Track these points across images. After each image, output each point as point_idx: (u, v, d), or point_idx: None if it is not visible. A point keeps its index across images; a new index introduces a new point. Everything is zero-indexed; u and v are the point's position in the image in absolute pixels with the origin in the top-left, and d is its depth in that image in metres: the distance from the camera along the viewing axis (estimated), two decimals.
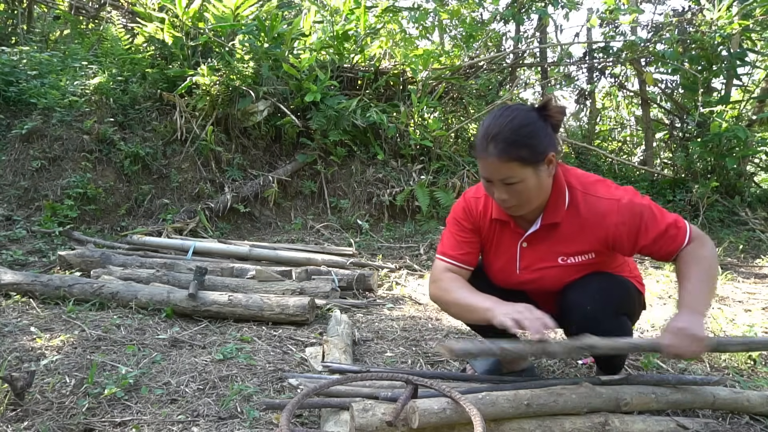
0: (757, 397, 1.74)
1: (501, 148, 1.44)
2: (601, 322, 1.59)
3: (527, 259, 1.67)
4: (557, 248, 1.63)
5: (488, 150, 1.46)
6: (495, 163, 1.46)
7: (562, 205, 1.59)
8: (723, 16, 5.35)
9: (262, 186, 4.90)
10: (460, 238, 1.73)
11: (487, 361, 2.02)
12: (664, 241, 1.54)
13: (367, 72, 5.63)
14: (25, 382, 1.64)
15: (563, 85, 6.87)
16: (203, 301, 2.55)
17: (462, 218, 1.73)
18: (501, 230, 1.70)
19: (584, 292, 1.61)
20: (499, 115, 1.49)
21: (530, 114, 1.49)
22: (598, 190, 1.59)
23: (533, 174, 1.48)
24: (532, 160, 1.46)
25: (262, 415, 1.67)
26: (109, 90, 4.83)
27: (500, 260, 1.72)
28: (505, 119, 1.47)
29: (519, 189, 1.49)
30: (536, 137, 1.46)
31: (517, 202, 1.53)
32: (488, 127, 1.48)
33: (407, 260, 4.03)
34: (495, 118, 1.49)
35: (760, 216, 5.35)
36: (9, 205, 4.12)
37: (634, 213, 1.54)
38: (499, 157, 1.45)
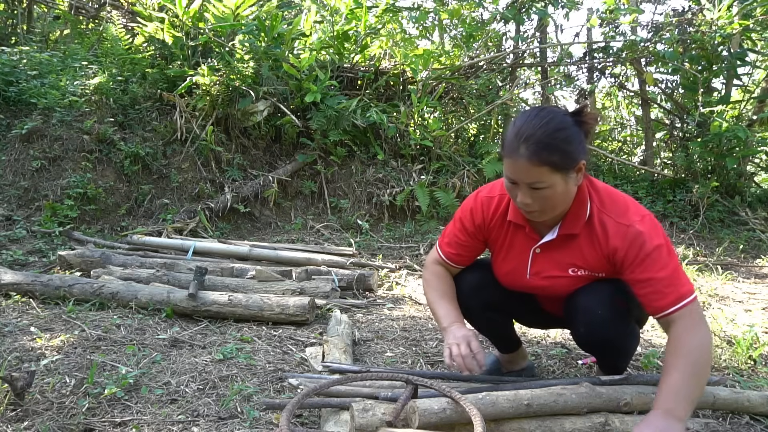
0: (758, 397, 1.74)
1: (533, 151, 1.37)
2: (611, 327, 1.58)
3: (539, 265, 1.64)
4: (570, 260, 1.59)
5: (519, 151, 1.38)
6: (525, 165, 1.38)
7: (582, 217, 1.54)
8: (723, 16, 5.35)
9: (262, 186, 4.90)
10: (457, 239, 1.73)
11: (487, 360, 2.02)
12: (655, 290, 1.43)
13: (367, 72, 5.63)
14: (25, 382, 1.63)
15: (563, 85, 6.86)
16: (203, 301, 2.55)
17: (467, 219, 1.71)
18: (514, 233, 1.66)
19: (595, 297, 1.58)
20: (534, 116, 1.42)
21: (566, 118, 1.42)
22: (613, 210, 1.53)
23: (562, 181, 1.42)
24: (564, 167, 1.40)
25: (262, 415, 1.67)
26: (109, 90, 4.83)
27: (510, 263, 1.69)
28: (540, 120, 1.40)
29: (545, 195, 1.42)
30: (571, 143, 1.40)
31: (540, 208, 1.47)
32: (521, 127, 1.41)
33: (407, 260, 4.03)
34: (529, 118, 1.42)
35: (760, 216, 5.35)
36: (9, 205, 4.12)
37: (635, 244, 1.46)
38: (530, 159, 1.37)
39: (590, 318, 1.59)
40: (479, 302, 1.81)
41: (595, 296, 1.58)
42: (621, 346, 1.64)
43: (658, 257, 1.44)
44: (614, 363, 1.75)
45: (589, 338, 1.66)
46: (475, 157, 5.61)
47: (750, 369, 2.17)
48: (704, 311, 2.98)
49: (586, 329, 1.62)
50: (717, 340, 2.49)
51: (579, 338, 1.72)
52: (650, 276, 1.44)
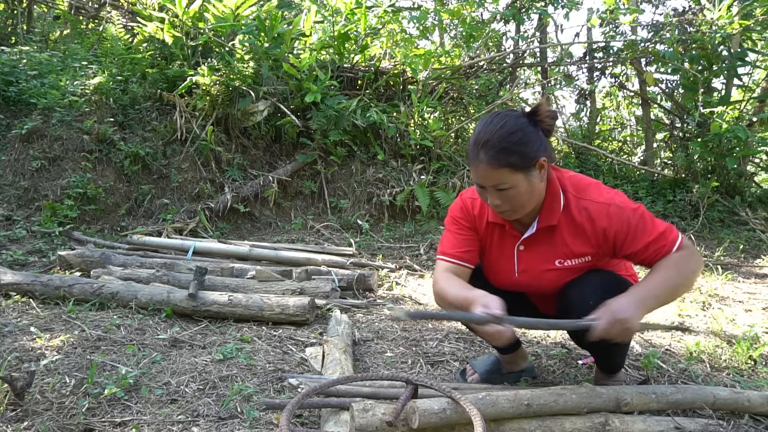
0: (758, 397, 1.74)
1: (491, 155, 1.46)
2: None
3: (525, 262, 1.68)
4: (554, 251, 1.63)
5: (479, 157, 1.47)
6: (486, 169, 1.47)
7: (557, 208, 1.60)
8: (723, 16, 5.34)
9: (262, 186, 4.90)
10: (460, 237, 1.74)
11: (487, 361, 2.02)
12: (652, 251, 1.54)
13: (367, 72, 5.63)
14: (25, 382, 1.63)
15: (563, 85, 6.87)
16: (203, 301, 2.55)
17: (460, 217, 1.74)
18: (499, 233, 1.70)
19: (586, 287, 1.61)
20: (489, 122, 1.50)
21: (520, 120, 1.50)
22: (590, 194, 1.60)
23: (524, 179, 1.49)
24: (523, 166, 1.47)
25: (262, 415, 1.67)
26: (109, 90, 4.83)
27: (498, 263, 1.73)
28: (495, 126, 1.48)
29: (511, 194, 1.50)
30: (526, 143, 1.47)
31: (510, 207, 1.54)
32: (479, 134, 1.49)
33: (407, 260, 4.03)
34: (485, 125, 1.50)
35: (760, 216, 5.35)
36: (9, 205, 4.13)
37: (622, 218, 1.55)
38: (490, 163, 1.46)
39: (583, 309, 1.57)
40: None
41: (586, 288, 1.61)
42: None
43: (644, 224, 1.55)
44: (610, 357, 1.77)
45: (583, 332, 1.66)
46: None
47: (750, 369, 2.16)
48: (704, 311, 2.98)
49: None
50: (717, 340, 2.49)
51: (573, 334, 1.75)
52: (646, 242, 1.54)
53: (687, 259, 1.53)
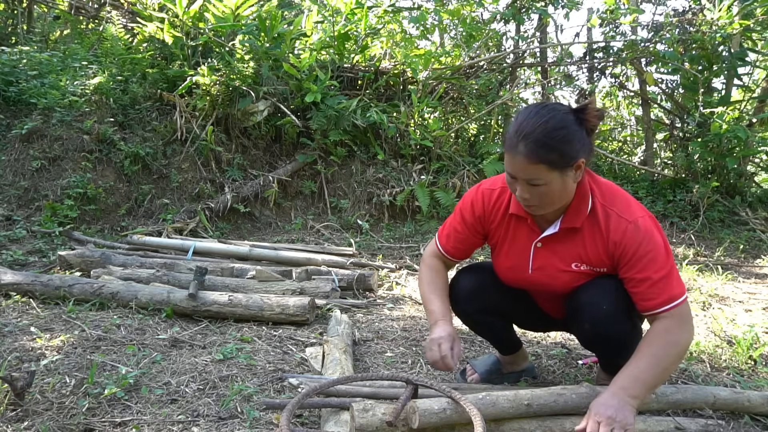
0: (758, 397, 1.74)
1: (531, 149, 1.39)
2: (615, 322, 1.58)
3: (541, 259, 1.63)
4: (573, 253, 1.59)
5: (518, 148, 1.41)
6: (522, 162, 1.41)
7: (584, 211, 1.55)
8: (723, 16, 5.34)
9: (262, 186, 4.90)
10: (456, 231, 1.73)
11: (487, 361, 2.02)
12: (648, 289, 1.47)
13: (368, 72, 5.63)
14: (25, 382, 1.63)
15: (563, 85, 6.86)
16: (203, 301, 2.55)
17: (467, 211, 1.70)
18: (516, 226, 1.65)
19: (599, 291, 1.58)
20: (535, 113, 1.43)
21: (567, 116, 1.42)
22: (617, 205, 1.54)
23: (559, 178, 1.44)
24: (561, 165, 1.42)
25: (262, 415, 1.67)
26: (109, 90, 4.83)
27: (511, 258, 1.68)
28: (540, 119, 1.41)
29: (542, 191, 1.45)
30: (569, 142, 1.41)
31: (539, 203, 1.49)
32: (521, 124, 1.42)
33: (407, 260, 4.03)
34: (530, 115, 1.43)
35: (760, 216, 5.35)
36: (9, 205, 4.12)
37: (636, 239, 1.48)
38: (528, 157, 1.40)
39: (595, 313, 1.57)
40: (477, 307, 1.81)
41: (599, 291, 1.58)
42: (624, 341, 1.63)
43: (655, 257, 1.47)
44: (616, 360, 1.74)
45: (594, 334, 1.64)
46: (475, 157, 5.61)
47: (750, 369, 2.17)
48: (704, 311, 2.98)
49: (591, 324, 1.61)
50: (717, 340, 2.49)
51: (583, 334, 1.71)
52: (647, 276, 1.47)
53: (678, 330, 1.45)
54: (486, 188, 1.69)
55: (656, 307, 1.47)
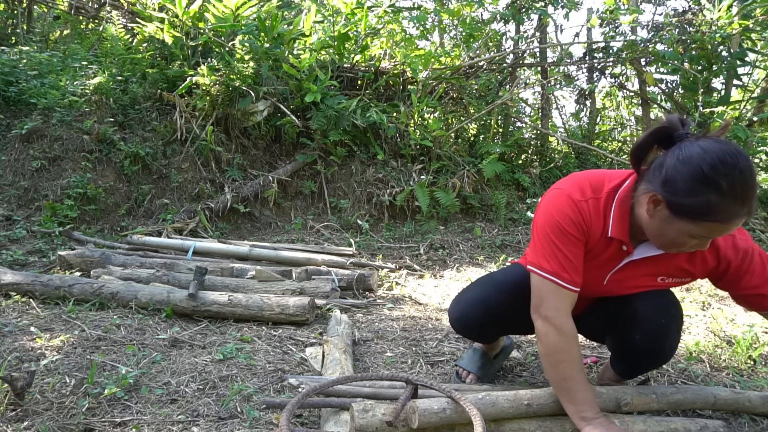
0: (758, 397, 1.74)
1: (751, 208, 1.26)
2: (669, 337, 1.56)
3: (622, 274, 1.54)
4: (663, 268, 1.51)
5: (742, 212, 1.24)
6: (741, 222, 1.27)
7: None
8: (723, 16, 5.35)
9: (262, 186, 4.90)
10: (575, 258, 1.45)
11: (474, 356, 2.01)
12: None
13: (367, 72, 5.63)
14: (25, 382, 1.63)
15: (563, 85, 6.87)
16: (203, 301, 2.55)
17: (571, 226, 1.44)
18: (607, 245, 1.49)
19: (660, 304, 1.55)
20: (744, 168, 1.22)
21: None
22: None
23: None
24: None
25: (262, 415, 1.67)
26: (109, 90, 4.83)
27: (591, 272, 1.53)
28: (751, 174, 1.23)
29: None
30: None
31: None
32: (742, 189, 1.22)
33: (407, 260, 4.03)
34: (746, 176, 1.22)
35: (760, 216, 5.35)
36: (9, 205, 4.12)
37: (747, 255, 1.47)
38: (749, 215, 1.25)
39: (652, 326, 1.53)
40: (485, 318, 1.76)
41: (660, 304, 1.54)
42: (668, 357, 1.62)
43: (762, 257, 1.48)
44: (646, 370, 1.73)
45: (644, 346, 1.58)
46: (475, 157, 5.61)
47: (750, 369, 2.17)
48: (704, 311, 2.98)
49: (643, 336, 1.55)
50: (717, 340, 2.49)
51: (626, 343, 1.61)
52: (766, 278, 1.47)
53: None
54: (579, 199, 1.46)
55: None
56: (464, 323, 1.80)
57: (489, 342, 1.98)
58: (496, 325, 1.81)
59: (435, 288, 3.45)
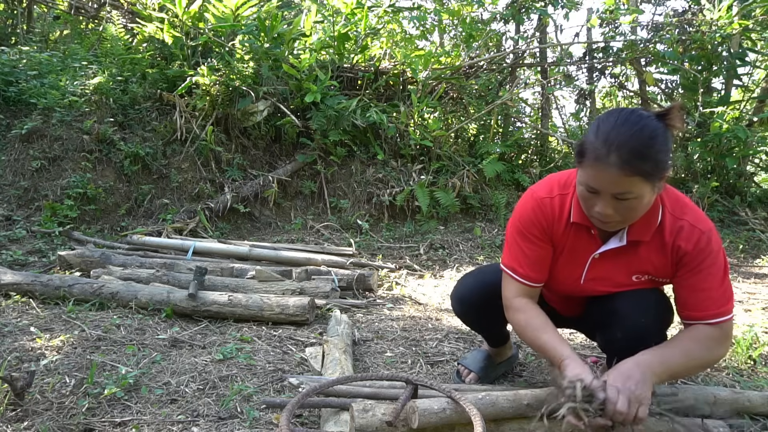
0: (758, 397, 1.74)
1: (626, 159, 1.26)
2: (650, 337, 1.54)
3: (597, 270, 1.56)
4: (635, 266, 1.52)
5: (609, 159, 1.27)
6: (615, 175, 1.28)
7: (653, 224, 1.47)
8: (723, 16, 5.35)
9: (262, 186, 4.90)
10: (532, 254, 1.56)
11: (478, 356, 2.01)
12: (703, 301, 1.44)
13: (367, 72, 5.63)
14: (25, 382, 1.63)
15: (563, 85, 6.87)
16: (203, 301, 2.55)
17: (531, 226, 1.55)
18: (576, 235, 1.54)
19: (640, 303, 1.54)
20: (623, 121, 1.30)
21: (657, 124, 1.31)
22: (687, 214, 1.47)
23: (650, 190, 1.33)
24: (655, 176, 1.30)
25: (262, 415, 1.67)
26: (109, 90, 4.83)
27: (565, 269, 1.60)
28: (631, 127, 1.29)
29: (631, 205, 1.34)
30: (664, 151, 1.30)
31: (622, 218, 1.38)
32: (610, 133, 1.29)
33: (407, 260, 4.03)
34: (617, 123, 1.30)
35: (760, 216, 5.35)
36: (9, 205, 4.12)
37: (704, 252, 1.43)
38: (623, 168, 1.27)
39: (631, 324, 1.54)
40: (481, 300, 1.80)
41: (640, 303, 1.54)
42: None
43: (719, 270, 1.44)
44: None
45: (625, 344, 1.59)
46: (475, 157, 5.62)
47: (750, 369, 2.17)
48: None
49: (624, 334, 1.57)
50: None
51: (611, 343, 1.65)
52: (708, 286, 1.44)
53: (718, 342, 1.43)
54: (544, 197, 1.55)
55: (707, 318, 1.43)
56: (463, 304, 1.86)
57: (492, 334, 1.98)
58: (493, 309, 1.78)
59: (435, 288, 3.45)
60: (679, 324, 1.55)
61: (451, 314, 2.88)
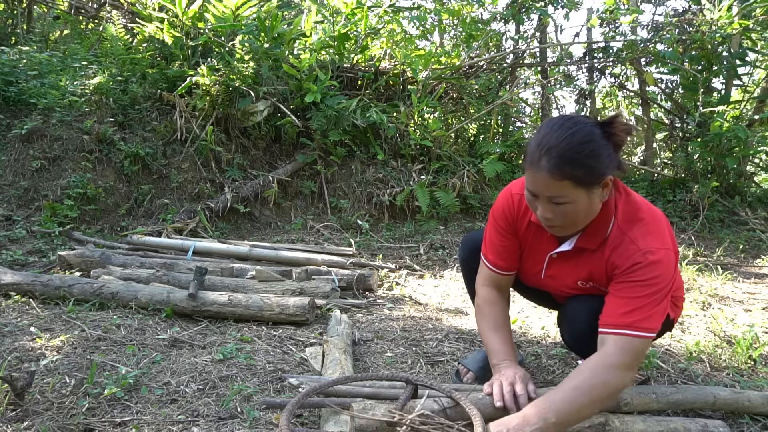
0: (758, 397, 1.74)
1: (554, 164, 1.29)
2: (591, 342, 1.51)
3: (553, 269, 1.62)
4: (580, 272, 1.56)
5: (540, 163, 1.31)
6: (545, 178, 1.31)
7: (602, 233, 1.47)
8: (723, 16, 5.35)
9: (262, 186, 4.90)
10: (500, 244, 1.65)
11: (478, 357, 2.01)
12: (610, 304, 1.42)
13: (367, 72, 5.63)
14: (25, 382, 1.63)
15: (563, 85, 6.87)
16: (203, 301, 2.55)
17: (500, 218, 1.64)
18: (535, 234, 1.61)
19: (583, 308, 1.57)
20: (558, 127, 1.33)
21: (593, 130, 1.32)
22: (633, 230, 1.44)
23: (585, 196, 1.34)
24: (587, 182, 1.32)
25: (262, 415, 1.67)
26: (109, 90, 4.83)
27: (529, 262, 1.67)
28: (564, 132, 1.31)
29: (566, 210, 1.36)
30: (596, 157, 1.31)
31: (561, 223, 1.41)
32: (543, 138, 1.33)
33: (407, 260, 4.03)
34: (552, 128, 1.34)
35: (760, 216, 5.35)
36: (9, 205, 4.13)
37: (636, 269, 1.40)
38: (551, 172, 1.30)
39: (574, 327, 1.61)
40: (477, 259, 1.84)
41: (583, 308, 1.57)
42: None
43: (645, 287, 1.39)
44: None
45: (574, 346, 1.71)
46: (475, 157, 5.62)
47: (750, 369, 2.17)
48: (704, 311, 2.98)
49: (570, 337, 1.67)
50: (717, 340, 2.49)
51: (566, 343, 1.76)
52: (625, 296, 1.40)
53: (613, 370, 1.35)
54: (516, 193, 1.62)
55: (609, 326, 1.39)
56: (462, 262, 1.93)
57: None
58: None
59: (435, 288, 3.45)
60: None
61: (452, 314, 2.89)
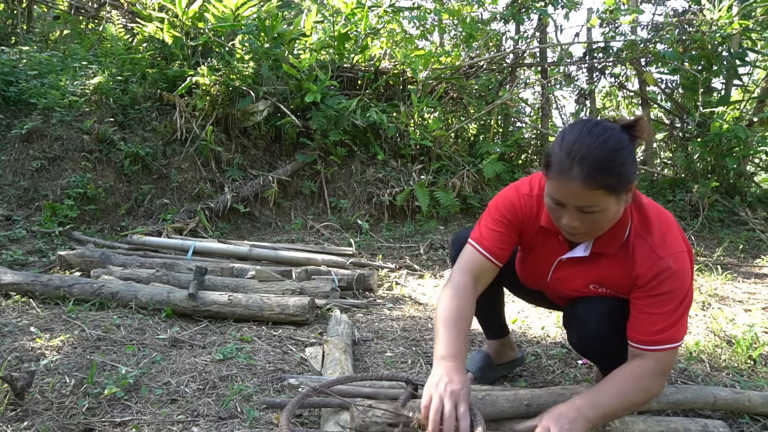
0: (758, 397, 1.74)
1: (587, 173, 1.24)
2: (603, 342, 1.54)
3: (561, 272, 1.59)
4: (594, 276, 1.53)
5: (572, 172, 1.26)
6: (578, 188, 1.26)
7: (620, 239, 1.45)
8: (723, 16, 5.35)
9: (262, 186, 4.90)
10: (499, 231, 1.57)
11: (476, 357, 2.01)
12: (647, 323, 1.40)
13: (367, 72, 5.63)
14: (25, 382, 1.63)
15: (563, 85, 6.87)
16: (203, 301, 2.55)
17: (508, 212, 1.56)
18: (546, 238, 1.57)
19: (592, 310, 1.55)
20: (587, 133, 1.28)
21: (622, 136, 1.29)
22: (651, 235, 1.43)
23: (615, 203, 1.31)
24: (619, 189, 1.28)
25: (262, 415, 1.67)
26: (109, 90, 4.83)
27: (534, 265, 1.64)
28: (595, 139, 1.26)
29: (596, 218, 1.32)
30: (628, 164, 1.28)
31: (587, 231, 1.37)
32: (573, 145, 1.27)
33: (407, 260, 4.03)
34: (582, 135, 1.28)
35: (760, 216, 5.35)
36: (9, 205, 4.13)
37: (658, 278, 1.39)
38: (585, 182, 1.25)
39: (584, 330, 1.57)
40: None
41: (592, 310, 1.55)
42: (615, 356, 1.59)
43: (672, 298, 1.39)
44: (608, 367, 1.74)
45: (582, 349, 1.67)
46: (475, 157, 5.62)
47: (750, 369, 2.17)
48: (704, 311, 2.98)
49: (579, 340, 1.62)
50: (716, 339, 2.49)
51: (573, 345, 1.72)
52: (655, 312, 1.40)
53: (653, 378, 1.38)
54: (525, 194, 1.57)
55: (645, 343, 1.40)
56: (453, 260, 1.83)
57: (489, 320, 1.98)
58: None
59: (435, 288, 3.45)
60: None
61: None
